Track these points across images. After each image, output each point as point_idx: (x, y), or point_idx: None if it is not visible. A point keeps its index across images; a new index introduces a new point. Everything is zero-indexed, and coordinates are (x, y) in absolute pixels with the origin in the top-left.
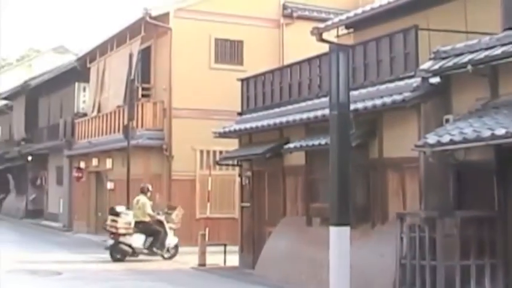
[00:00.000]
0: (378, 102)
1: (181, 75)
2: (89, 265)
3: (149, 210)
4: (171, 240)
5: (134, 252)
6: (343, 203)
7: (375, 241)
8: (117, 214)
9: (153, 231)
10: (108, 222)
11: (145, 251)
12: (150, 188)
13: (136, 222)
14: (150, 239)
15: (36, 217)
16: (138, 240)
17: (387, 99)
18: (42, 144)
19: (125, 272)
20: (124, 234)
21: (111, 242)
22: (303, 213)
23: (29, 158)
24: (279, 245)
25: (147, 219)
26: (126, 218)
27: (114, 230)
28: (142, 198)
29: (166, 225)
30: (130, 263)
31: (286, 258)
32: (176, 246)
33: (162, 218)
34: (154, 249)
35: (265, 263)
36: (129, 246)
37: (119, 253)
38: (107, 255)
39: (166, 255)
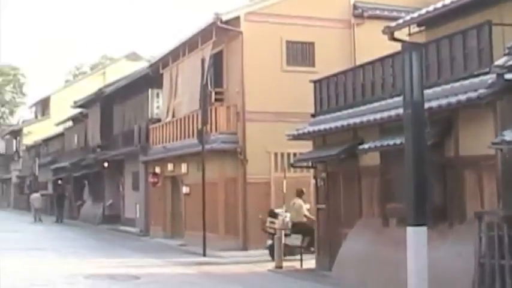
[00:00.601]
0: (453, 100)
1: (254, 79)
2: (166, 269)
3: (305, 212)
4: None
5: (292, 252)
6: (420, 203)
7: (453, 241)
8: (275, 216)
9: (309, 231)
10: (267, 223)
11: (303, 250)
12: (304, 190)
13: (294, 223)
14: (307, 239)
15: (113, 223)
16: (295, 240)
17: (462, 97)
18: (118, 150)
19: (201, 275)
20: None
21: (270, 242)
22: (379, 214)
23: (105, 164)
24: (356, 246)
25: (304, 219)
26: (284, 220)
27: (272, 231)
28: (298, 201)
29: None
30: (207, 266)
31: (363, 259)
32: None
33: None
34: (312, 249)
35: (342, 265)
36: (287, 245)
37: None
38: (183, 259)
39: None
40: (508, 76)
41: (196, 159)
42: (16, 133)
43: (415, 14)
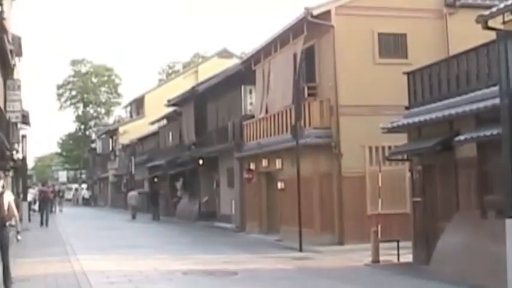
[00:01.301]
0: None
1: (346, 72)
2: (263, 264)
3: None
4: None
5: None
6: None
7: None
8: None
9: None
10: None
11: None
12: None
13: None
14: None
15: (209, 219)
16: None
17: None
18: (212, 147)
19: (299, 270)
20: None
21: None
22: (477, 206)
23: (200, 161)
24: (454, 239)
25: None
26: None
27: None
28: None
29: None
30: (304, 260)
31: (461, 253)
32: None
33: None
34: None
35: (440, 259)
36: None
37: None
38: (280, 254)
39: None
40: None
41: (290, 155)
42: (112, 132)
43: (509, 2)
